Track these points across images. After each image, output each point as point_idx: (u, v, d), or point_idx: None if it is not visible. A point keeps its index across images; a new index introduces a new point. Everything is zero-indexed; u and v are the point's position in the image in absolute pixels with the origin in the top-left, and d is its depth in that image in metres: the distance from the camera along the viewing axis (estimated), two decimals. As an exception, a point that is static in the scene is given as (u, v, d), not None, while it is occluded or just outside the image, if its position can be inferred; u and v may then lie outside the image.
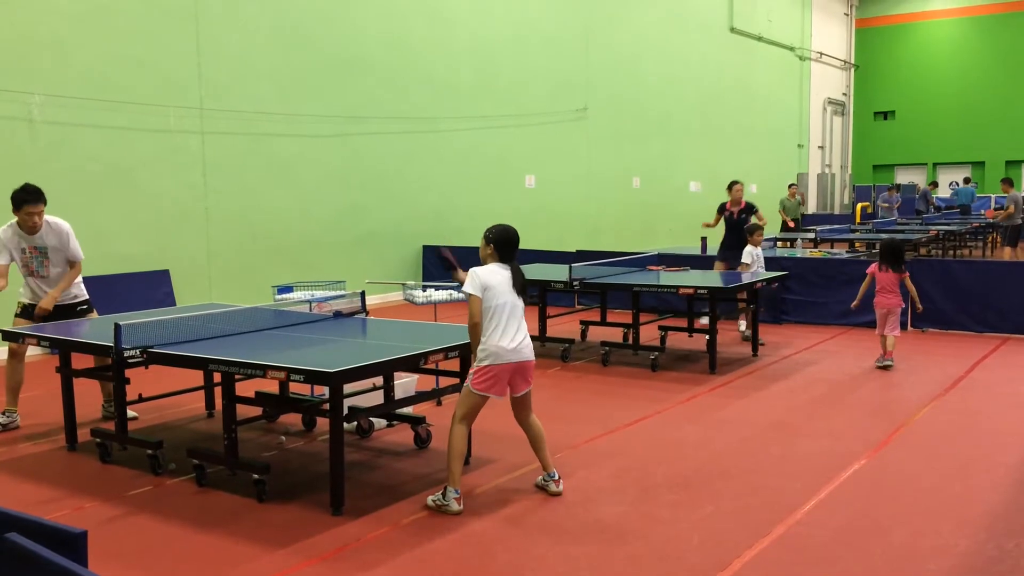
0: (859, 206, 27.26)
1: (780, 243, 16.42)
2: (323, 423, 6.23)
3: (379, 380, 5.83)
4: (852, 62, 32.37)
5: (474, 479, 5.21)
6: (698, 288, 8.22)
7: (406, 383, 6.22)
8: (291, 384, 5.60)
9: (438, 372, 5.80)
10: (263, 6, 11.79)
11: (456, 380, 5.42)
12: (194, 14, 10.90)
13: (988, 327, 10.09)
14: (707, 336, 8.37)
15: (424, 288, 7.58)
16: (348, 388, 5.11)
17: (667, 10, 20.99)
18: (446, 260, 5.20)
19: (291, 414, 6.48)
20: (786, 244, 16.30)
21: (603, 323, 9.53)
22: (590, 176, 18.42)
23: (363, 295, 6.51)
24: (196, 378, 6.37)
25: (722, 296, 8.45)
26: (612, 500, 4.88)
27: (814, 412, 6.85)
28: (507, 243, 4.87)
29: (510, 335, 4.72)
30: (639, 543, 4.29)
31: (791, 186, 20.69)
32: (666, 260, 10.49)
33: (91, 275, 9.33)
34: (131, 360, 5.08)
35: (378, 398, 5.84)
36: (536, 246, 13.87)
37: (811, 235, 16.74)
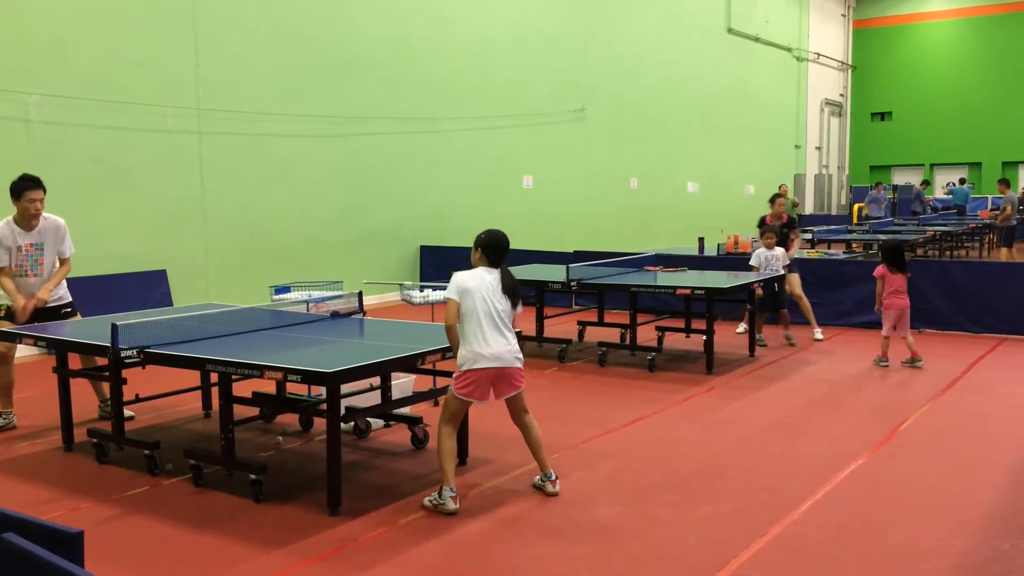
0: (856, 207, 27.28)
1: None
2: (320, 423, 6.20)
3: (376, 380, 5.83)
4: (849, 63, 32.39)
5: (471, 479, 5.21)
6: (695, 289, 8.23)
7: (403, 383, 6.22)
8: (288, 384, 5.60)
9: (435, 372, 5.79)
10: (262, 6, 11.78)
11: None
12: (192, 14, 10.89)
13: (985, 328, 10.11)
14: (704, 336, 8.37)
15: (421, 288, 7.58)
16: (345, 388, 5.10)
17: (665, 11, 21.01)
18: None
19: (288, 414, 6.48)
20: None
21: (600, 323, 9.52)
22: (588, 176, 18.42)
23: (360, 295, 6.50)
24: (193, 378, 6.35)
25: (719, 297, 8.45)
26: (609, 500, 4.87)
27: (812, 412, 6.85)
28: (495, 248, 4.89)
29: (489, 340, 4.71)
30: (637, 543, 4.29)
31: (781, 186, 20.66)
32: (663, 261, 10.49)
33: (88, 275, 9.39)
34: (128, 360, 5.07)
35: (375, 398, 5.84)
36: (534, 246, 13.88)
37: (808, 236, 16.74)
